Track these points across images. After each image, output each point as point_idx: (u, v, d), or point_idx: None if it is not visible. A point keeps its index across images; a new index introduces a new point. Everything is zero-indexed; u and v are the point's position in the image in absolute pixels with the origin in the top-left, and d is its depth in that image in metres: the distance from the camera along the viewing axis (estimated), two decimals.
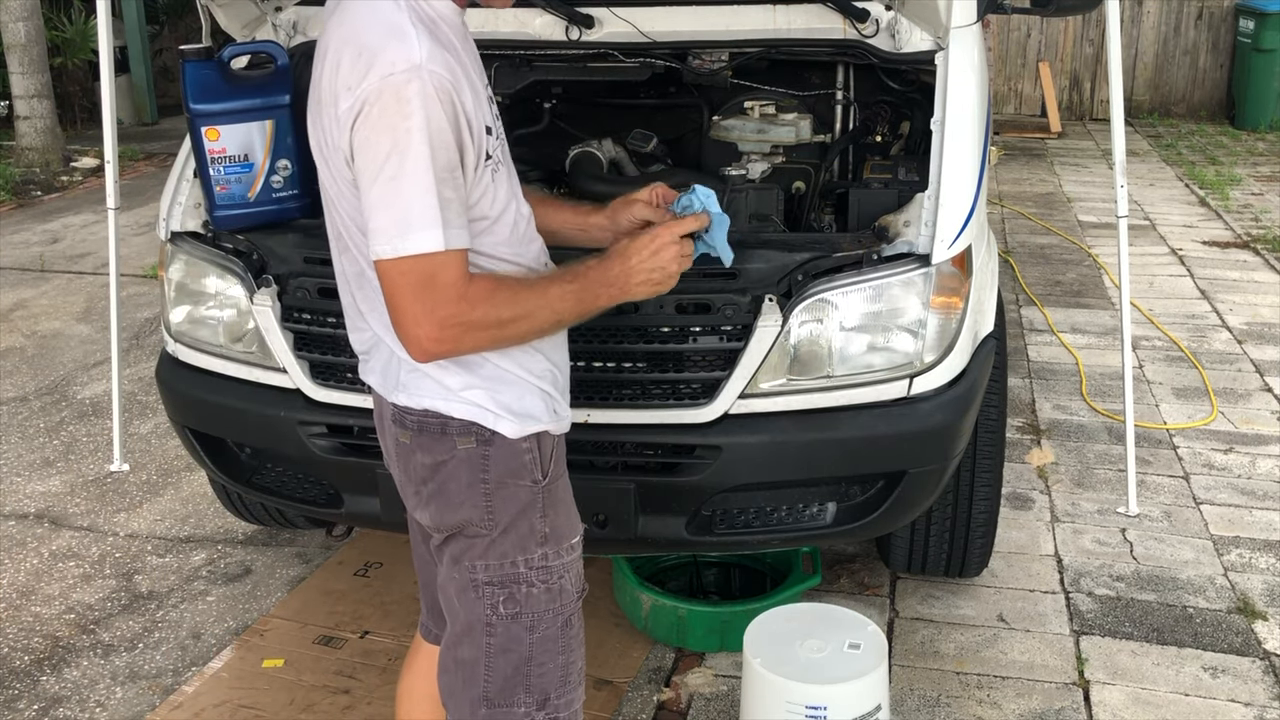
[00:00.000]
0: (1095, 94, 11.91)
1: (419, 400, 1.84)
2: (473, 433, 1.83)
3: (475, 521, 1.86)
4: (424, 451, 1.86)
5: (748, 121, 3.18)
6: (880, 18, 2.93)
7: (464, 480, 1.85)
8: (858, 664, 2.39)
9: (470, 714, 1.93)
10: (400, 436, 1.89)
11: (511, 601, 1.88)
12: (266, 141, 2.73)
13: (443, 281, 1.70)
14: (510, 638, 1.89)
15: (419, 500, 1.91)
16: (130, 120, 11.44)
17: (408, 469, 1.91)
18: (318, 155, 1.83)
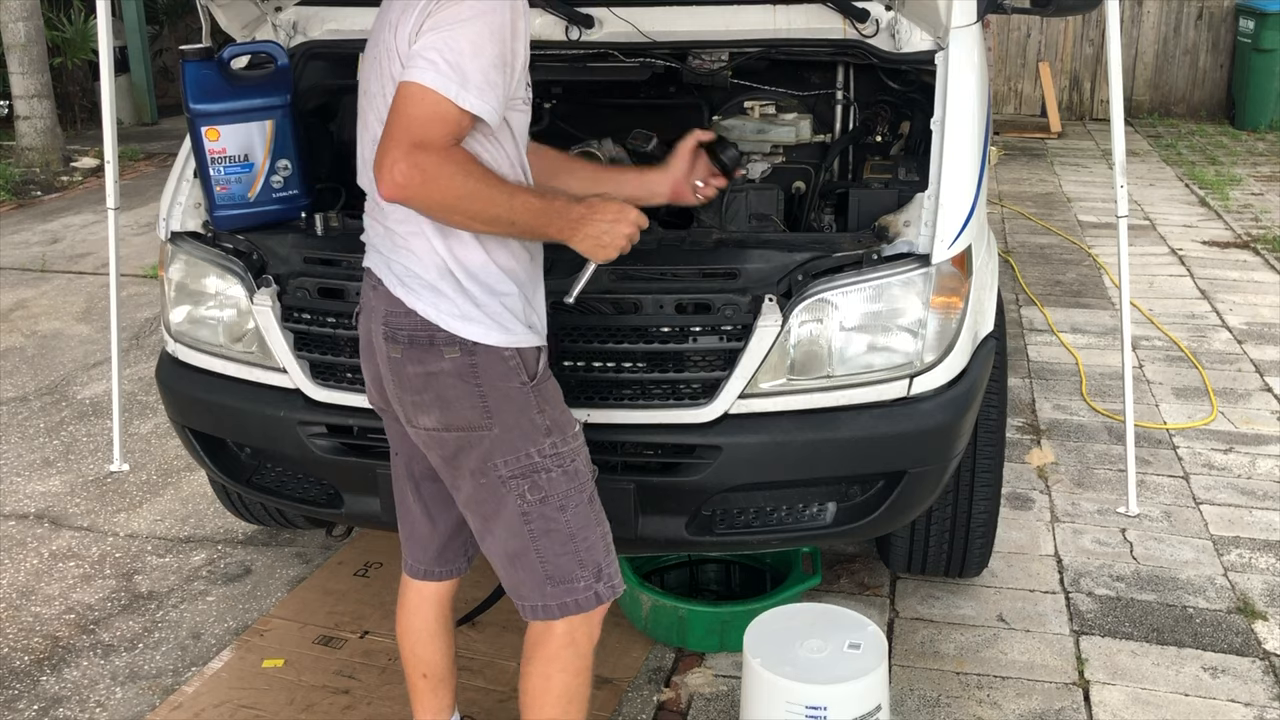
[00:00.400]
0: (1095, 94, 11.91)
1: (414, 303, 2.05)
2: (457, 343, 2.05)
3: (476, 421, 2.07)
4: (414, 363, 2.07)
5: (748, 121, 3.18)
6: (880, 18, 2.93)
7: (457, 385, 2.06)
8: (858, 664, 2.39)
9: (540, 595, 2.18)
10: (391, 351, 2.09)
11: (536, 488, 2.11)
12: (266, 141, 2.74)
13: (440, 130, 1.88)
14: (546, 520, 2.12)
15: (419, 407, 2.10)
16: (130, 120, 11.44)
17: (402, 380, 2.10)
18: (373, 68, 2.04)
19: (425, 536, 2.41)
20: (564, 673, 2.25)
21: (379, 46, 2.05)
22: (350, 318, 2.62)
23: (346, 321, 2.63)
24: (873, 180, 2.91)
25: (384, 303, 2.11)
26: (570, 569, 2.16)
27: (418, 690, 2.52)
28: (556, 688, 2.25)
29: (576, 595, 2.18)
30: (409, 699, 2.57)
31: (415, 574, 2.45)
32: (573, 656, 2.24)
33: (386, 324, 2.10)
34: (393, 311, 2.09)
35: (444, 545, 2.42)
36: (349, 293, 2.61)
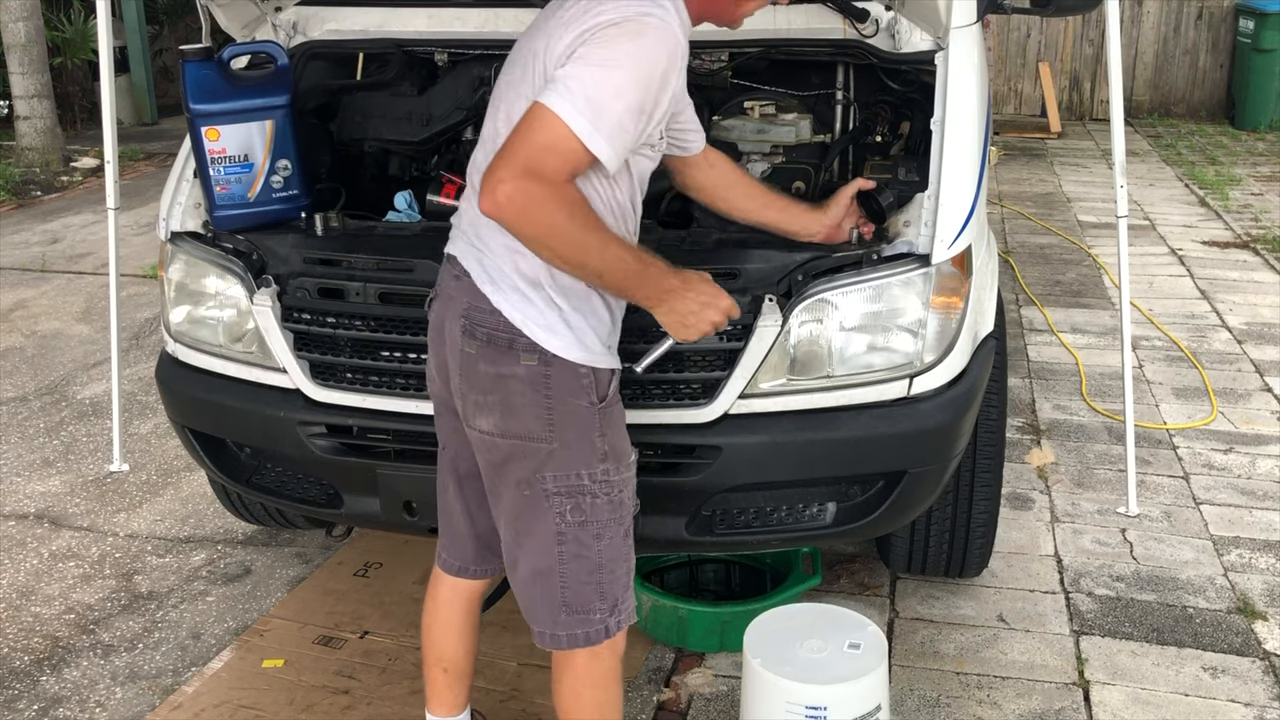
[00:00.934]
0: (1095, 94, 11.91)
1: (501, 303, 2.03)
2: (536, 351, 2.03)
3: (537, 433, 2.06)
4: (487, 362, 2.05)
5: (748, 121, 3.18)
6: (880, 18, 2.93)
7: (527, 393, 2.04)
8: (858, 664, 2.39)
9: (552, 622, 2.16)
10: (466, 346, 2.07)
11: (578, 510, 2.10)
12: (266, 141, 2.74)
13: (558, 163, 1.86)
14: (580, 544, 2.11)
15: (480, 407, 2.09)
16: (130, 120, 11.44)
17: (470, 377, 2.08)
18: (519, 64, 2.05)
19: (463, 534, 2.40)
20: (594, 687, 2.24)
21: (532, 45, 2.04)
22: (350, 318, 2.63)
23: (346, 321, 2.63)
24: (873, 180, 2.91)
25: (467, 295, 2.09)
26: (589, 599, 2.15)
27: (435, 683, 2.52)
28: (587, 704, 2.25)
29: (589, 628, 2.17)
30: (424, 692, 2.57)
31: (449, 569, 2.44)
32: (601, 671, 2.23)
33: (467, 317, 2.08)
34: (476, 306, 2.07)
35: (483, 545, 2.40)
36: (349, 293, 2.61)
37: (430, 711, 2.56)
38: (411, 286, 2.57)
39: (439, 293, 2.21)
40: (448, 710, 2.54)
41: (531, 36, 2.09)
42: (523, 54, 2.09)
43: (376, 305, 2.59)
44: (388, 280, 2.59)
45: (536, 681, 2.91)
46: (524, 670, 2.96)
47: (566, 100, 1.85)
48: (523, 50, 2.10)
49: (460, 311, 2.11)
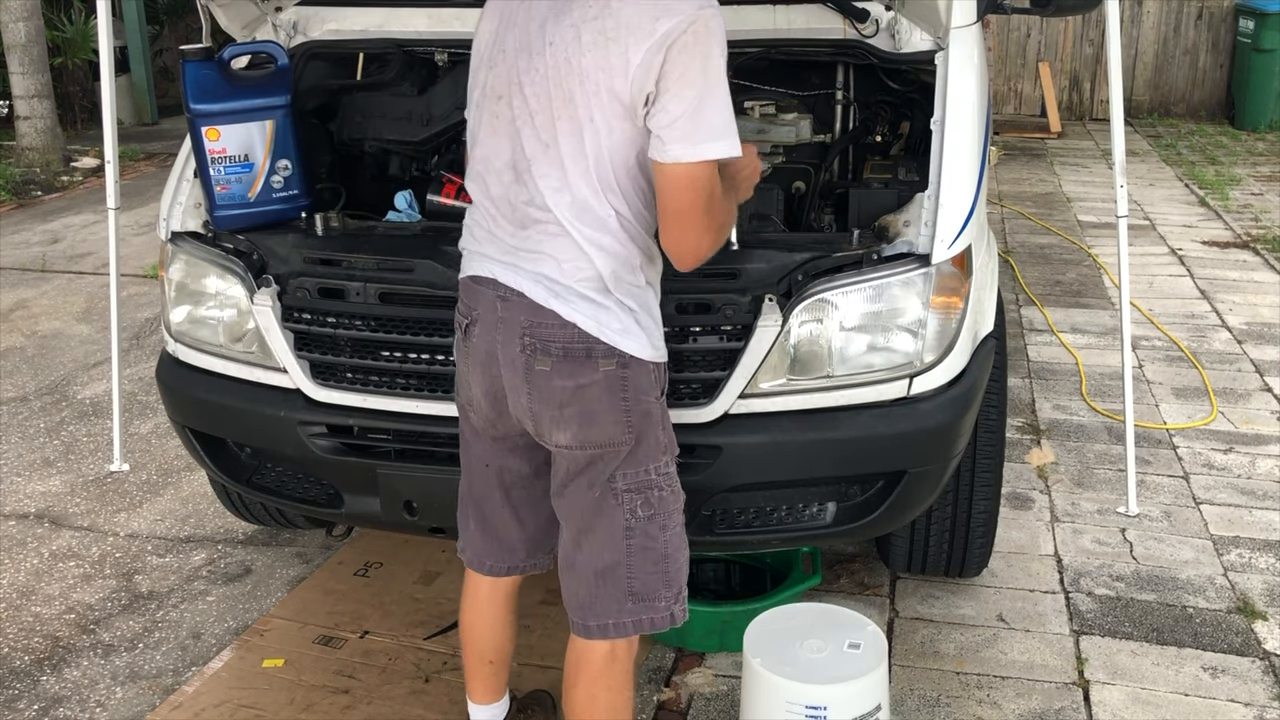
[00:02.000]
0: (1095, 94, 11.91)
1: (572, 315, 2.03)
2: (615, 356, 2.06)
3: (617, 437, 2.10)
4: (564, 376, 2.06)
5: (748, 121, 3.18)
6: (880, 18, 2.93)
7: (604, 399, 2.07)
8: (858, 664, 2.39)
9: (618, 612, 2.19)
10: (538, 364, 2.07)
11: (647, 505, 2.15)
12: (266, 141, 2.74)
13: (714, 189, 1.98)
14: (648, 537, 2.16)
15: (556, 422, 2.09)
16: (130, 120, 11.44)
17: (545, 394, 2.08)
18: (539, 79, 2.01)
19: (515, 539, 2.38)
20: (609, 691, 2.25)
21: (555, 58, 1.97)
22: (350, 318, 2.63)
23: (347, 321, 2.64)
24: (873, 180, 2.91)
25: (525, 314, 2.06)
26: (656, 587, 2.19)
27: (482, 676, 2.54)
28: (602, 706, 2.26)
29: (655, 614, 2.21)
30: (465, 685, 2.59)
31: (499, 572, 2.43)
32: (617, 673, 2.25)
33: (532, 335, 2.06)
34: (540, 323, 2.05)
35: (534, 544, 2.40)
36: (349, 293, 2.61)
37: (475, 701, 2.59)
38: (412, 286, 2.58)
39: (478, 318, 2.15)
40: (493, 697, 2.58)
41: (539, 49, 2.00)
42: (538, 75, 2.01)
43: (377, 305, 2.60)
44: (388, 280, 2.59)
45: (537, 681, 2.91)
46: (524, 670, 2.97)
47: (712, 144, 1.92)
48: (529, 71, 2.02)
49: (519, 333, 2.08)
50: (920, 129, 3.02)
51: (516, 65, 2.06)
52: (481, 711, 2.60)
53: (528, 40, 2.04)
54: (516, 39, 2.07)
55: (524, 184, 2.07)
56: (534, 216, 2.07)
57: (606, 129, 1.97)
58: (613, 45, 1.91)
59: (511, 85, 2.06)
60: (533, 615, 3.20)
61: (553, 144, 2.02)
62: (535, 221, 2.07)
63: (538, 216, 2.06)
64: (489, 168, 2.14)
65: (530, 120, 2.04)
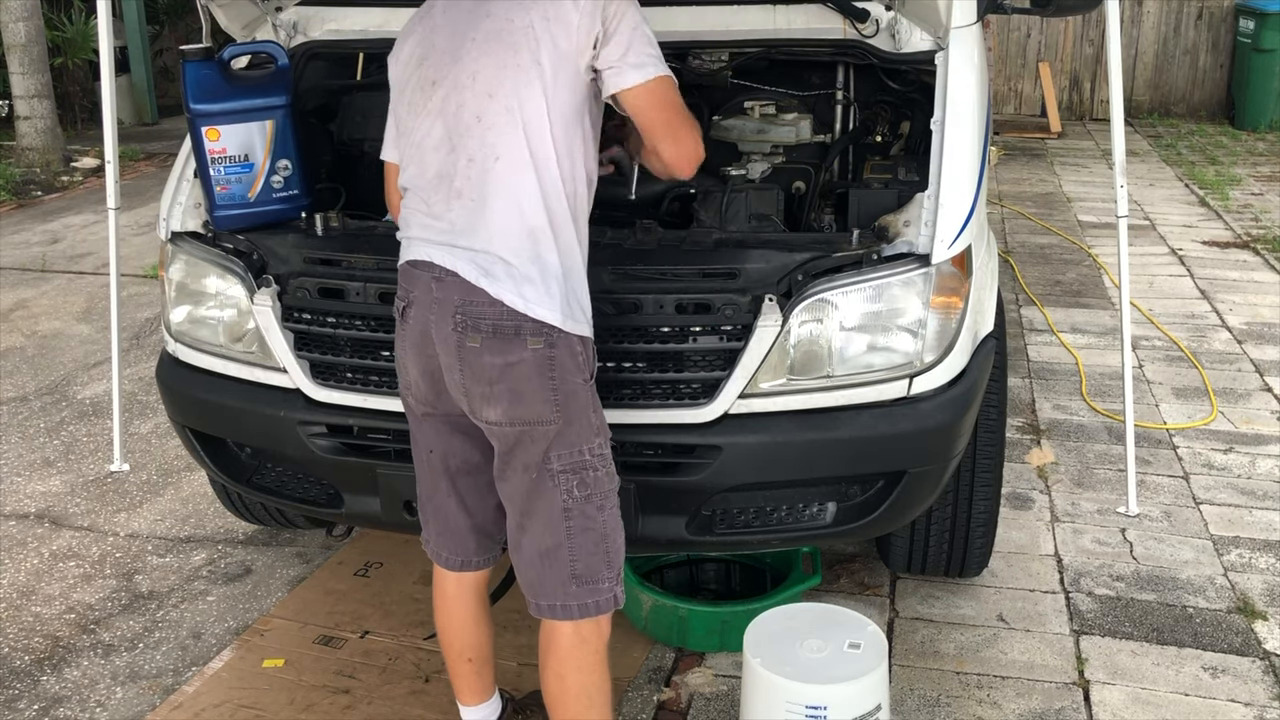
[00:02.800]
0: (1095, 94, 11.91)
1: (501, 292, 2.10)
2: (543, 334, 2.11)
3: (545, 416, 2.14)
4: (493, 353, 2.12)
5: (748, 121, 3.18)
6: (880, 18, 2.93)
7: (534, 378, 2.12)
8: (858, 664, 2.39)
9: (563, 594, 2.23)
10: (468, 341, 2.13)
11: (583, 485, 2.19)
12: (266, 141, 2.74)
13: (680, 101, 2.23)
14: (586, 518, 2.20)
15: (486, 399, 2.15)
16: (130, 120, 11.44)
17: (476, 370, 2.14)
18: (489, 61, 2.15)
19: (462, 530, 2.42)
20: (579, 672, 2.28)
21: (496, 22, 2.16)
22: (350, 318, 2.63)
23: (347, 321, 2.64)
24: (873, 180, 2.91)
25: (458, 293, 2.14)
26: (598, 569, 2.23)
27: (463, 675, 2.56)
28: (573, 688, 2.28)
29: (599, 596, 2.24)
30: (452, 688, 2.60)
31: (453, 566, 2.47)
32: (585, 654, 2.27)
33: (464, 314, 2.13)
34: (471, 301, 2.13)
35: (483, 535, 2.44)
36: (349, 293, 2.61)
37: (464, 703, 2.60)
38: None
39: (414, 300, 2.22)
40: (480, 697, 2.59)
41: (477, 14, 2.19)
42: (483, 57, 2.16)
43: (376, 305, 2.60)
44: (388, 280, 2.59)
45: (535, 681, 2.91)
46: (524, 670, 2.96)
47: (660, 64, 2.16)
48: (476, 55, 2.17)
49: (452, 310, 2.14)
50: (920, 129, 3.02)
51: (450, 46, 2.20)
52: (471, 713, 2.60)
53: (459, 24, 2.21)
54: (447, 33, 2.23)
55: (461, 149, 2.16)
56: (469, 180, 2.15)
57: (553, 76, 2.12)
58: (552, 2, 2.12)
59: (445, 67, 2.20)
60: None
61: (497, 93, 2.13)
62: (469, 188, 2.15)
63: (472, 178, 2.15)
64: (423, 149, 2.22)
65: (471, 83, 2.16)
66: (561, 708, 2.30)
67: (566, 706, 2.29)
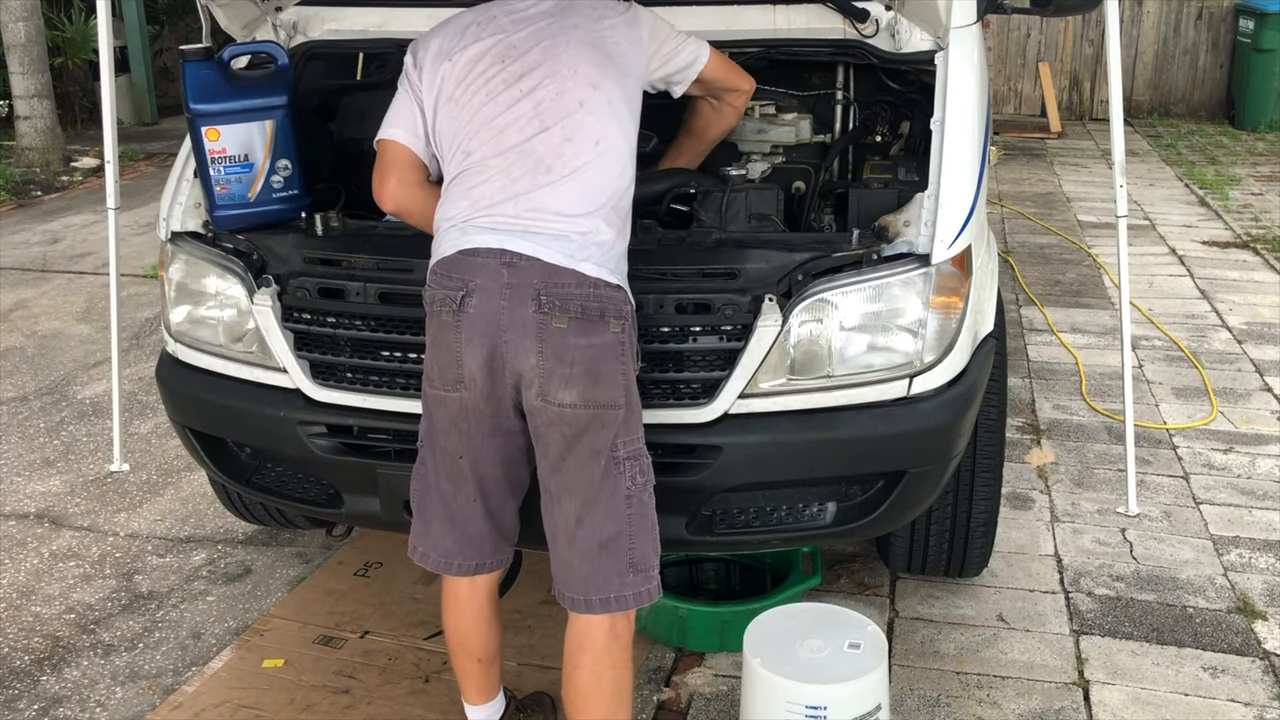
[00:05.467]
0: (1095, 94, 11.91)
1: (596, 272, 2.19)
2: (622, 318, 2.21)
3: (617, 399, 2.20)
4: (579, 334, 2.16)
5: (748, 121, 3.18)
6: (880, 18, 2.93)
7: (610, 361, 2.19)
8: (858, 664, 2.39)
9: (619, 584, 2.24)
10: (555, 322, 2.16)
11: (643, 471, 2.25)
12: (266, 141, 2.74)
13: None
14: (642, 504, 2.25)
15: (566, 380, 2.17)
16: (130, 120, 11.44)
17: (558, 351, 2.16)
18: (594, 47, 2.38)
19: (480, 534, 2.40)
20: (613, 668, 2.29)
21: (597, 49, 2.37)
22: (350, 318, 2.63)
23: (347, 321, 2.63)
24: (873, 180, 2.91)
25: (538, 275, 2.18)
26: (649, 557, 2.28)
27: (472, 675, 2.55)
28: (608, 686, 2.28)
29: (649, 585, 2.28)
30: (459, 687, 2.60)
31: (466, 571, 2.44)
32: (619, 650, 2.29)
33: (549, 295, 2.16)
34: (556, 283, 2.17)
35: (500, 538, 2.44)
36: (349, 293, 2.61)
37: (471, 702, 2.60)
38: (411, 286, 2.57)
39: (477, 288, 2.20)
40: (487, 695, 2.59)
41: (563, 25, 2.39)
42: (576, 38, 2.37)
43: (377, 305, 2.60)
44: (388, 280, 2.59)
45: (536, 681, 2.91)
46: (524, 670, 2.97)
47: (702, 44, 2.66)
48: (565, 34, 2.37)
49: (532, 294, 2.16)
50: (920, 129, 3.02)
51: (540, 49, 2.34)
52: (478, 712, 2.60)
53: (542, 33, 2.37)
54: (529, 40, 2.36)
55: (557, 129, 2.27)
56: (562, 158, 2.26)
57: (635, 85, 2.42)
58: (629, 29, 2.45)
59: (538, 64, 2.33)
60: (533, 615, 3.20)
61: (601, 86, 2.31)
62: (561, 165, 2.24)
63: (566, 157, 2.26)
64: (505, 127, 2.31)
65: (573, 75, 2.31)
66: (595, 706, 2.29)
67: (601, 705, 2.28)
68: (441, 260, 2.27)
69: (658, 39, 2.54)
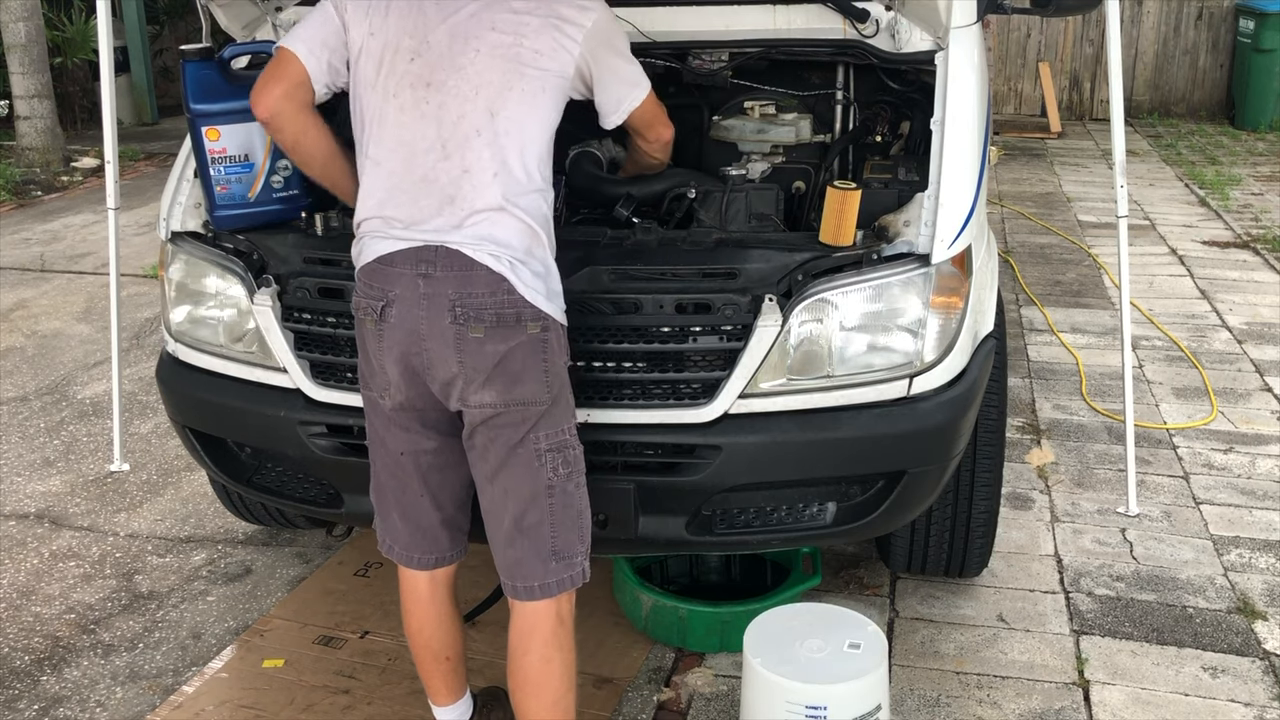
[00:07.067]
0: (1095, 94, 11.91)
1: (510, 279, 2.18)
2: (540, 319, 2.21)
3: (538, 396, 2.23)
4: (497, 341, 2.19)
5: (748, 121, 3.18)
6: (880, 18, 2.93)
7: (528, 361, 2.21)
8: (858, 664, 2.39)
9: (543, 572, 2.30)
10: (471, 332, 2.18)
11: (566, 463, 2.28)
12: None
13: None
14: (566, 494, 2.29)
15: (484, 383, 2.20)
16: (130, 120, 11.43)
17: (476, 359, 2.19)
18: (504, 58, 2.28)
19: (435, 527, 2.44)
20: (561, 651, 2.33)
21: (503, 39, 2.27)
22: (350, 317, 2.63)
23: (347, 321, 2.63)
24: (873, 180, 2.91)
25: (452, 286, 2.18)
26: (573, 544, 2.31)
27: (440, 674, 2.57)
28: (557, 669, 2.32)
29: (572, 571, 2.32)
30: (424, 690, 2.61)
31: (426, 565, 2.49)
32: (565, 634, 2.34)
33: (463, 306, 2.17)
34: (470, 293, 2.18)
35: (455, 529, 2.47)
36: (349, 292, 2.61)
37: (439, 704, 2.60)
38: None
39: (396, 298, 2.22)
40: (456, 695, 2.60)
41: (480, 26, 2.28)
42: (486, 46, 2.27)
43: None
44: None
45: None
46: None
47: (641, 85, 2.50)
48: (472, 42, 2.27)
49: (448, 305, 2.17)
50: (920, 129, 3.02)
51: (448, 49, 2.27)
52: (447, 712, 2.62)
53: (459, 27, 2.28)
54: (443, 32, 2.28)
55: (456, 158, 2.23)
56: (463, 189, 2.21)
57: (551, 100, 2.30)
58: (557, 32, 2.29)
59: (443, 71, 2.26)
60: None
61: (501, 112, 2.25)
62: (463, 194, 2.21)
63: (467, 189, 2.22)
64: (413, 150, 2.26)
65: (474, 96, 2.25)
66: (546, 691, 2.33)
67: (551, 689, 2.33)
68: (363, 268, 2.30)
69: (596, 55, 2.35)
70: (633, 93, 2.48)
